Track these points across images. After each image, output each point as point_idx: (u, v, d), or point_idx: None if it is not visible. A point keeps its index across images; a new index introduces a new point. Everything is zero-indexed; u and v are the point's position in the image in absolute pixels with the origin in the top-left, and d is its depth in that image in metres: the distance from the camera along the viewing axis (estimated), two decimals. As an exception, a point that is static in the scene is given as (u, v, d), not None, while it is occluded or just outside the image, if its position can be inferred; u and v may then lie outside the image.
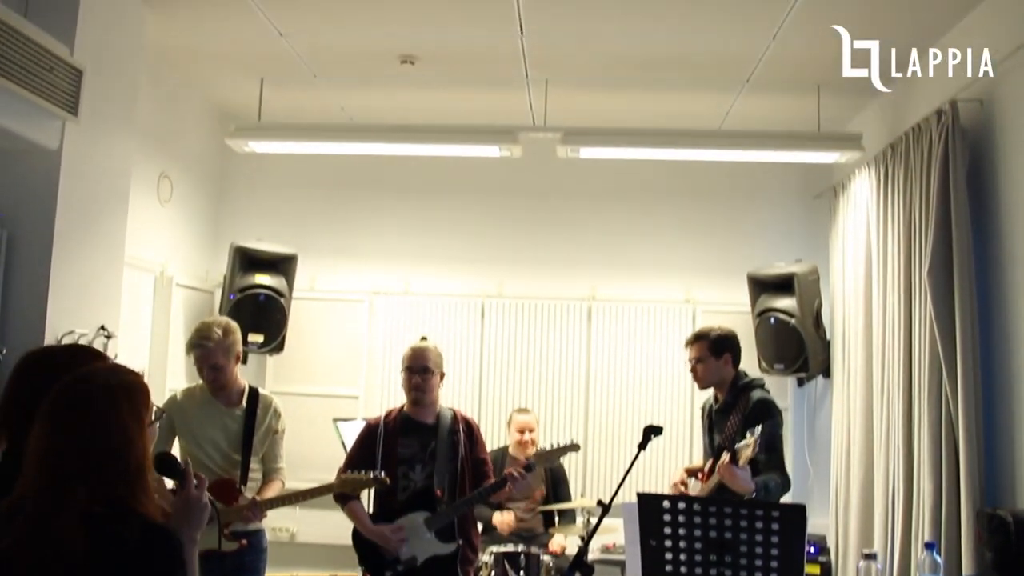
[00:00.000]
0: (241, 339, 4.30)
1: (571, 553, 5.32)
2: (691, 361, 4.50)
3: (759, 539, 2.88)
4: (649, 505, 3.05)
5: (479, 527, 4.85)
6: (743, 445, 3.88)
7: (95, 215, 4.45)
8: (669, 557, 2.97)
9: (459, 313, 6.85)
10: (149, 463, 2.03)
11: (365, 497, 4.55)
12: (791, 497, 6.09)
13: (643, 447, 3.49)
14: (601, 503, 3.56)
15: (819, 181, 6.56)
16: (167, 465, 2.33)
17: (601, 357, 6.77)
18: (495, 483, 4.27)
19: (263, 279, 6.25)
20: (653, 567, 2.95)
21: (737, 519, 2.91)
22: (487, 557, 4.92)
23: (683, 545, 2.96)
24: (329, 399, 6.63)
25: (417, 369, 4.34)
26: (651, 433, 3.51)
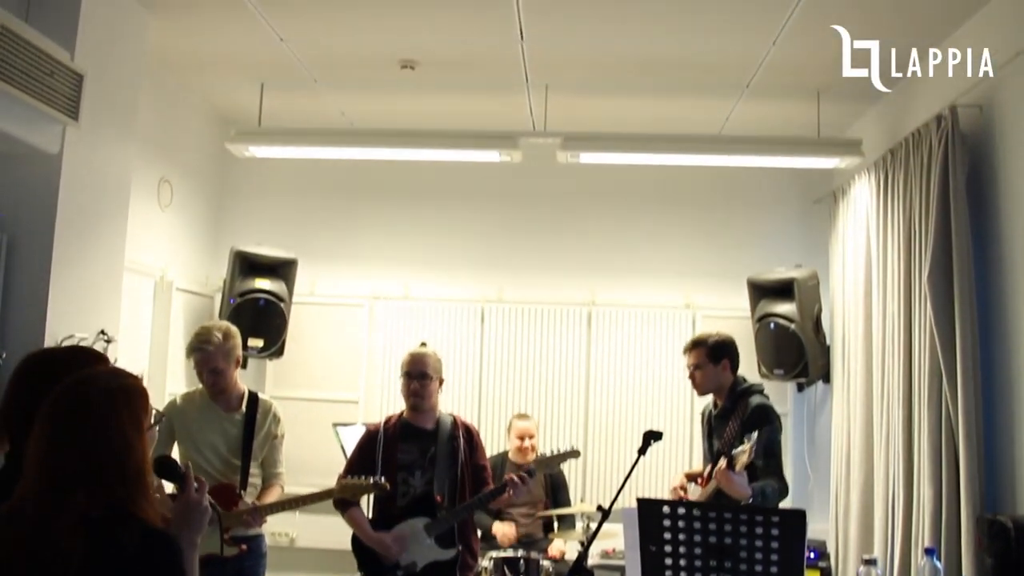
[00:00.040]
0: (241, 343, 4.30)
1: (571, 558, 5.32)
2: (689, 368, 4.50)
3: (759, 544, 2.87)
4: (649, 510, 3.04)
5: (478, 533, 4.84)
6: (739, 451, 3.88)
7: (95, 219, 4.45)
8: (669, 563, 2.96)
9: (459, 318, 6.85)
10: (148, 467, 2.03)
11: (365, 503, 4.55)
12: (791, 502, 6.10)
13: (643, 452, 3.50)
14: (601, 508, 3.56)
15: (819, 186, 6.56)
16: (167, 468, 2.33)
17: (601, 362, 6.76)
18: (494, 489, 4.26)
19: (263, 284, 6.24)
20: (653, 572, 2.94)
21: (737, 524, 2.91)
22: (487, 562, 4.91)
23: (683, 550, 2.95)
24: (329, 404, 6.62)
25: (415, 375, 4.33)
26: (651, 438, 3.51)
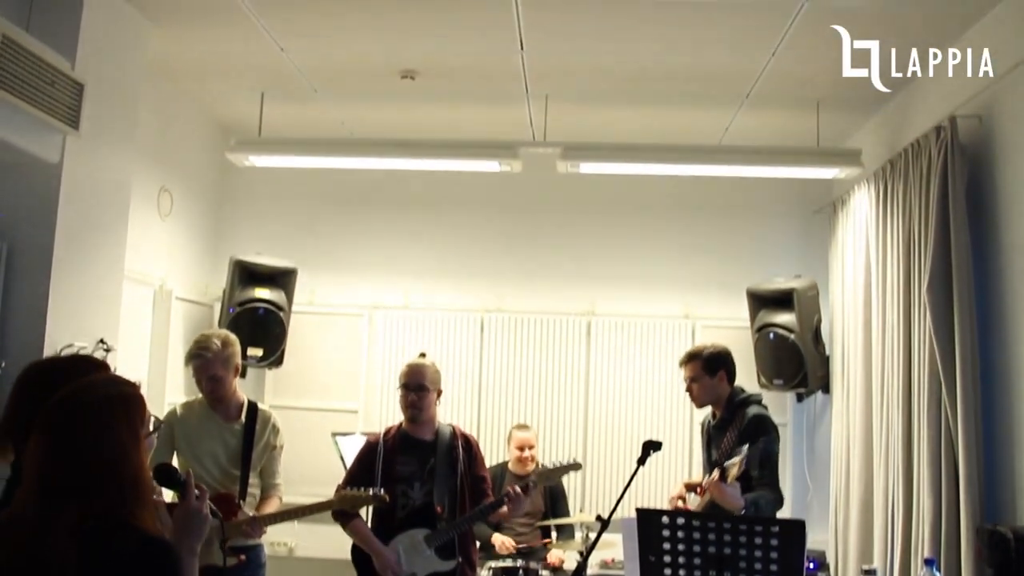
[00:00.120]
0: (240, 352, 4.30)
1: (570, 568, 5.31)
2: (686, 381, 4.50)
3: (758, 555, 2.87)
4: (648, 520, 3.04)
5: (477, 544, 4.83)
6: (730, 463, 3.88)
7: (95, 228, 4.45)
8: (668, 573, 2.96)
9: (458, 328, 6.85)
10: (146, 475, 2.02)
11: (364, 514, 4.54)
12: (790, 512, 6.12)
13: (642, 462, 3.50)
14: (600, 518, 3.56)
15: (818, 197, 6.57)
16: (167, 476, 2.32)
17: (600, 372, 6.76)
18: (494, 502, 4.24)
19: (262, 293, 6.24)
20: (652, 583, 2.94)
21: (736, 535, 2.91)
22: (486, 572, 4.91)
23: (682, 561, 2.95)
24: (328, 413, 6.61)
25: (413, 387, 4.31)
26: (650, 448, 3.51)
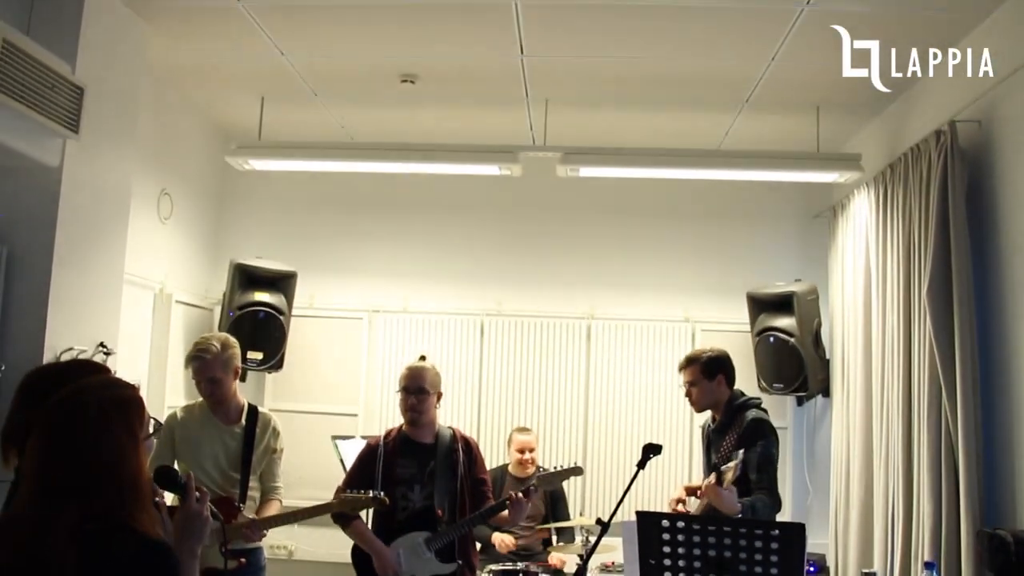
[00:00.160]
0: (240, 355, 4.30)
1: (570, 571, 5.31)
2: (685, 385, 4.49)
3: (758, 558, 2.87)
4: (648, 523, 3.04)
5: (477, 546, 4.82)
6: (726, 467, 3.87)
7: (95, 232, 4.46)
8: (668, 576, 2.96)
9: (458, 331, 6.85)
10: (145, 477, 2.01)
11: (364, 517, 4.54)
12: (790, 516, 6.12)
13: (642, 465, 3.50)
14: (600, 521, 3.56)
15: (818, 201, 6.58)
16: (167, 478, 2.32)
17: (600, 375, 6.76)
18: (494, 505, 4.24)
19: (262, 296, 6.25)
20: (652, 586, 2.94)
21: (736, 538, 2.91)
22: (486, 575, 4.90)
23: (682, 564, 2.95)
24: (328, 417, 6.61)
25: (413, 390, 4.30)
26: (650, 452, 3.51)
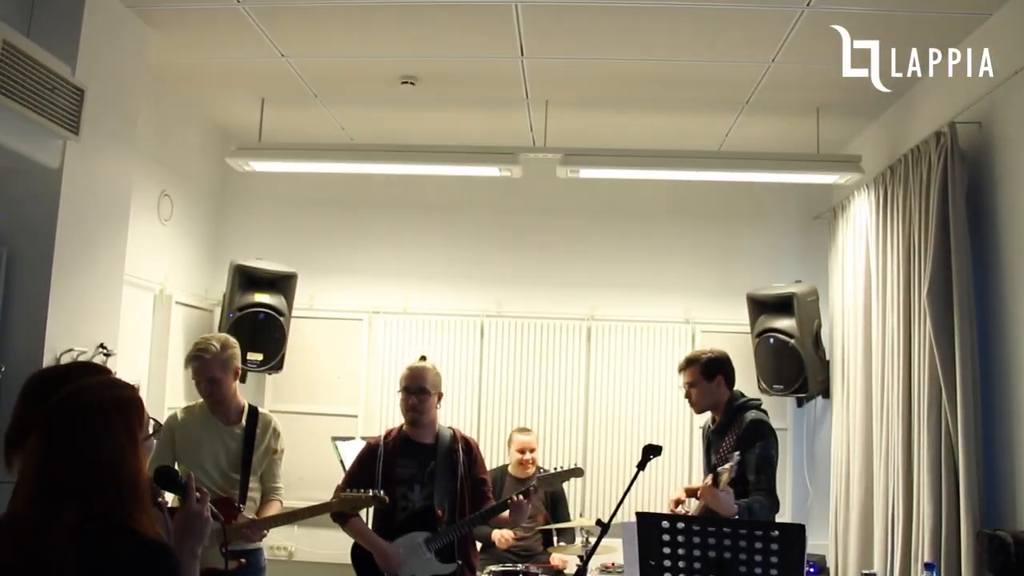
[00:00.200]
0: (240, 355, 4.29)
1: (570, 572, 5.31)
2: (685, 387, 4.50)
3: (758, 559, 2.87)
4: (648, 524, 3.05)
5: (478, 546, 4.83)
6: (723, 468, 3.88)
7: (95, 233, 4.46)
8: (668, 577, 2.96)
9: (458, 332, 6.85)
10: (144, 478, 2.00)
11: (364, 517, 4.54)
12: (790, 517, 6.13)
13: (642, 467, 3.50)
14: (600, 522, 3.56)
15: (818, 202, 6.58)
16: (167, 478, 2.32)
17: (600, 376, 6.76)
18: (495, 506, 4.25)
19: (262, 298, 6.25)
20: (652, 587, 2.95)
21: (736, 539, 2.91)
22: (486, 575, 4.90)
23: (682, 565, 2.96)
24: (328, 418, 6.62)
25: (414, 390, 4.30)
26: (650, 453, 3.51)
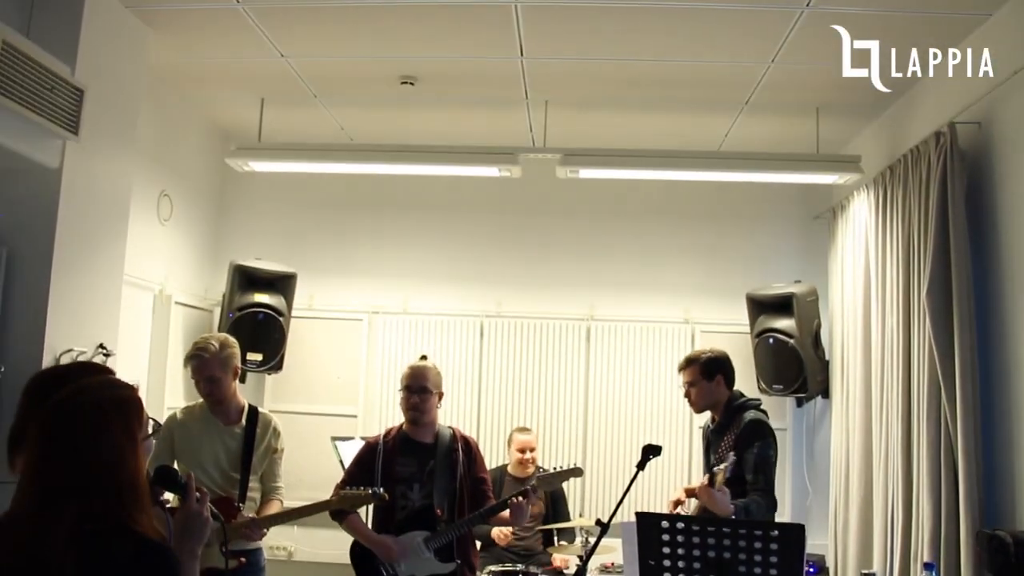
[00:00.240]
0: (239, 354, 4.29)
1: (570, 572, 5.31)
2: (684, 386, 4.50)
3: (758, 559, 2.87)
4: (648, 524, 3.04)
5: (477, 545, 4.83)
6: (718, 468, 3.88)
7: (95, 233, 4.46)
8: (668, 577, 2.96)
9: (458, 332, 6.85)
10: (143, 478, 2.00)
11: (363, 516, 4.54)
12: (790, 516, 6.13)
13: (642, 467, 3.50)
14: (600, 522, 3.56)
15: (818, 202, 6.58)
16: (167, 478, 2.32)
17: (600, 376, 6.77)
18: (494, 505, 4.25)
19: (262, 298, 6.25)
20: (652, 587, 2.94)
21: (736, 539, 2.91)
22: (485, 575, 4.90)
23: (682, 565, 2.96)
24: (327, 418, 6.62)
25: (415, 389, 4.32)
26: (650, 453, 3.51)
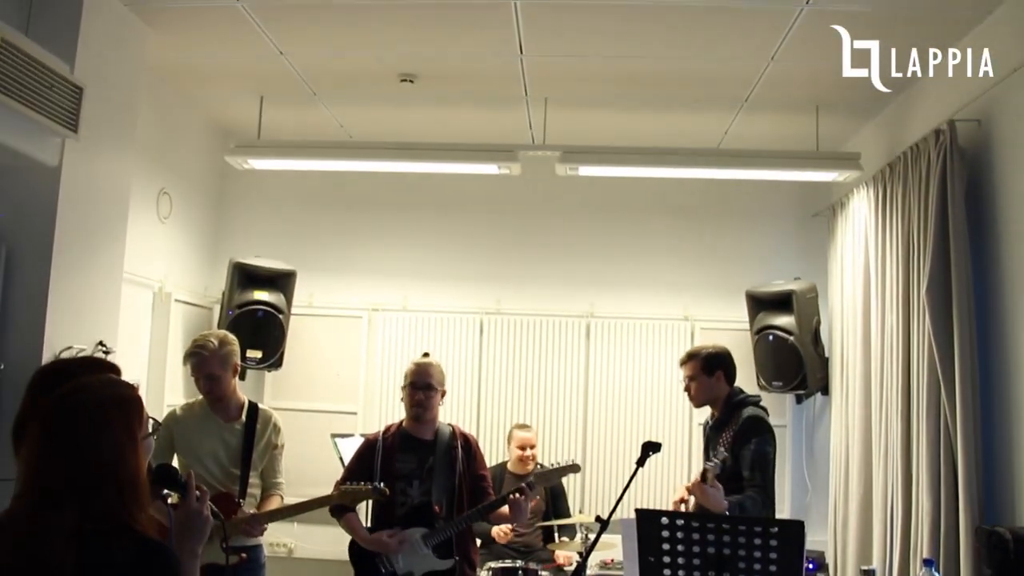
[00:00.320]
0: (239, 351, 4.29)
1: (570, 569, 5.32)
2: (685, 380, 4.51)
3: (757, 555, 2.88)
4: (647, 521, 3.05)
5: (477, 542, 4.83)
6: (710, 464, 3.89)
7: (94, 231, 4.46)
8: (667, 573, 2.97)
9: (458, 329, 6.86)
10: (144, 477, 2.00)
11: (362, 512, 4.54)
12: (789, 513, 6.13)
13: (641, 463, 3.51)
14: (600, 519, 3.56)
15: (817, 200, 6.58)
16: (167, 476, 2.32)
17: (599, 373, 6.77)
18: (494, 501, 4.25)
19: (262, 295, 6.25)
20: (651, 583, 2.95)
21: (736, 535, 2.91)
22: (485, 573, 4.91)
23: (681, 561, 2.96)
24: (327, 415, 6.63)
25: (421, 386, 4.32)
26: (649, 449, 3.52)
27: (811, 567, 5.80)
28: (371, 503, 4.40)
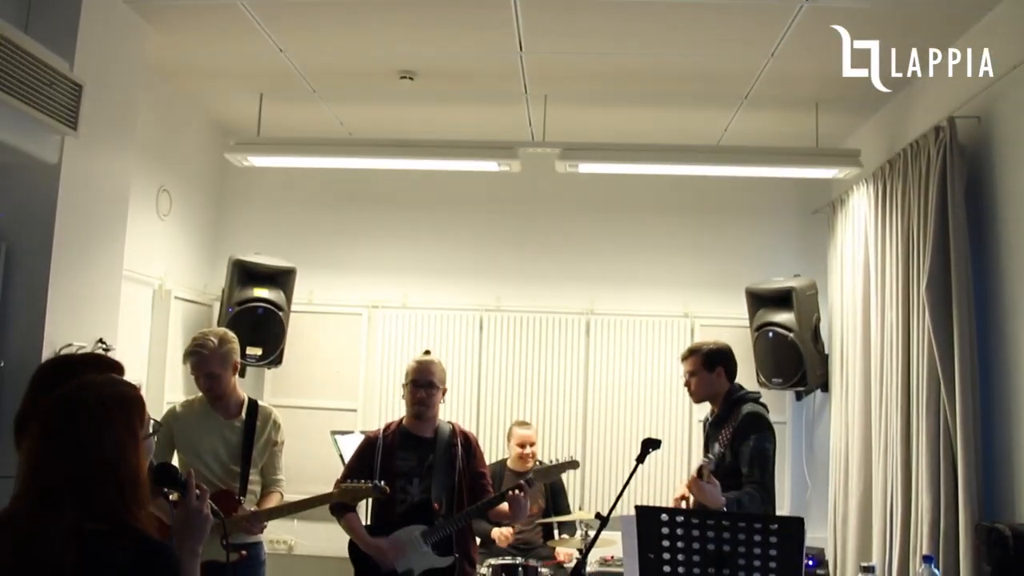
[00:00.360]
0: (239, 349, 4.29)
1: (570, 566, 5.32)
2: (685, 375, 4.52)
3: (757, 552, 2.88)
4: (647, 518, 3.05)
5: (477, 541, 4.83)
6: (705, 461, 3.89)
7: (94, 229, 4.45)
8: (667, 570, 2.96)
9: (457, 326, 6.86)
10: (144, 476, 2.00)
11: (363, 510, 4.54)
12: (789, 510, 6.14)
13: (641, 460, 3.51)
14: (599, 516, 3.57)
15: (817, 197, 6.58)
16: (167, 475, 2.32)
17: (599, 370, 6.77)
18: (493, 498, 4.25)
19: (261, 292, 6.25)
20: (651, 580, 2.95)
21: (735, 532, 2.91)
22: (485, 570, 4.91)
23: (681, 558, 2.96)
24: (327, 412, 6.63)
25: (423, 383, 4.32)
26: (649, 446, 3.52)
27: (811, 564, 5.80)
28: (371, 501, 4.40)
